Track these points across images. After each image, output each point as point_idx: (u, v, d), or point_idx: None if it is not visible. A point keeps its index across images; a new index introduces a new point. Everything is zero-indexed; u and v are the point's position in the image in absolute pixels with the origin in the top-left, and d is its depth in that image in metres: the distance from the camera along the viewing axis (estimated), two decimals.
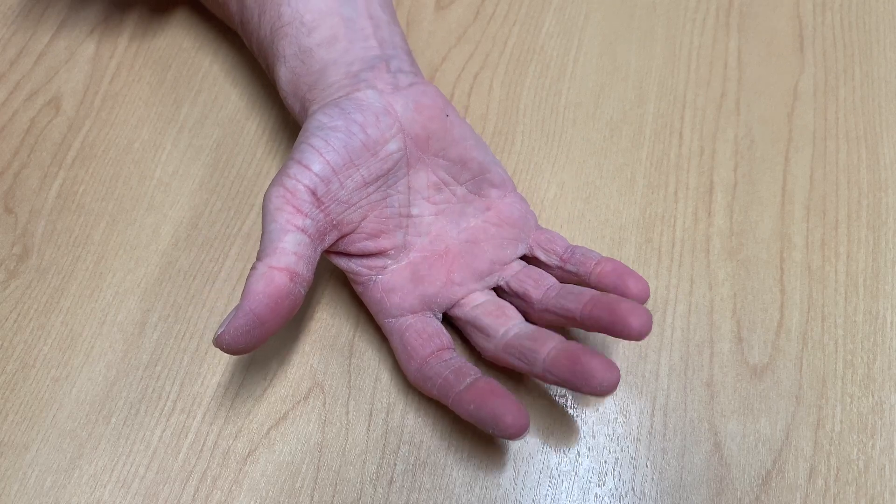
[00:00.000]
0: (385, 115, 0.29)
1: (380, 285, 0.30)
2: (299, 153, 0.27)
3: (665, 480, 0.29)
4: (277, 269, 0.26)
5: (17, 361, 0.31)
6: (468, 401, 0.26)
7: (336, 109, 0.28)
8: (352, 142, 0.28)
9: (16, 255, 0.33)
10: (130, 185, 0.35)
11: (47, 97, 0.37)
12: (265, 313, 0.25)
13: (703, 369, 0.31)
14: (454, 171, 0.31)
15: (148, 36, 0.39)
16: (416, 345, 0.29)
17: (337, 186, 0.27)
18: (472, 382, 0.27)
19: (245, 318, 0.25)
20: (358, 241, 0.29)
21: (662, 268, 0.33)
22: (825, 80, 0.39)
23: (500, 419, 0.26)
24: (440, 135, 0.30)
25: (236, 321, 0.25)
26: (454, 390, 0.27)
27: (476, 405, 0.26)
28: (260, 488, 0.29)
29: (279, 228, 0.26)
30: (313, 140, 0.27)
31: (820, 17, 0.41)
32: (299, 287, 0.26)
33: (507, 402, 0.26)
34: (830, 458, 0.30)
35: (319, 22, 0.30)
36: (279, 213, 0.26)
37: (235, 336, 0.25)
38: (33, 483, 0.29)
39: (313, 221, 0.27)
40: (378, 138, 0.28)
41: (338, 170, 0.27)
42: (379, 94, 0.29)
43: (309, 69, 0.30)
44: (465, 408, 0.27)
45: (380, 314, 0.30)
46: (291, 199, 0.26)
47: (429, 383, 0.28)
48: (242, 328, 0.25)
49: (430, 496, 0.29)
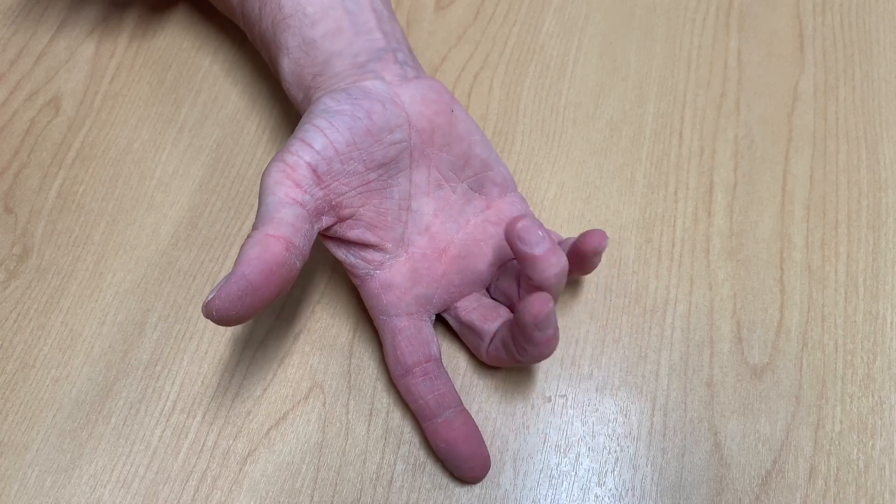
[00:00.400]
0: (392, 105, 0.28)
1: (377, 280, 0.30)
2: (302, 132, 0.27)
3: (665, 480, 0.29)
4: (273, 237, 0.25)
5: (17, 361, 0.31)
6: (441, 439, 0.29)
7: (343, 94, 0.28)
8: (356, 125, 0.27)
9: (16, 255, 0.33)
10: (130, 185, 0.35)
11: (47, 97, 0.37)
12: (258, 280, 0.24)
13: (703, 369, 0.31)
14: (457, 168, 0.31)
15: (148, 36, 0.39)
16: (405, 351, 0.29)
17: (338, 167, 0.27)
18: (450, 418, 0.29)
19: (237, 284, 0.24)
20: (356, 228, 0.28)
21: (662, 268, 0.33)
22: (825, 80, 0.39)
23: (462, 467, 0.28)
24: (445, 129, 0.30)
25: (228, 286, 0.24)
26: (432, 419, 0.29)
27: (447, 446, 0.28)
28: (260, 488, 0.29)
29: (277, 201, 0.26)
30: (317, 121, 0.27)
31: (820, 17, 0.41)
32: (295, 258, 0.25)
33: (475, 451, 0.29)
34: (830, 458, 0.30)
35: (322, 14, 0.30)
36: (278, 187, 0.26)
37: (226, 302, 0.24)
38: (33, 483, 0.29)
39: (312, 198, 0.26)
40: (383, 125, 0.28)
41: (340, 150, 0.27)
42: (387, 85, 0.29)
43: (314, 60, 0.30)
44: (436, 443, 0.29)
45: (375, 310, 0.30)
46: (291, 174, 0.26)
47: (409, 397, 0.29)
48: (234, 293, 0.24)
49: (429, 496, 0.29)
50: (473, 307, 0.30)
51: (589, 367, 0.31)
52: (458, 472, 0.29)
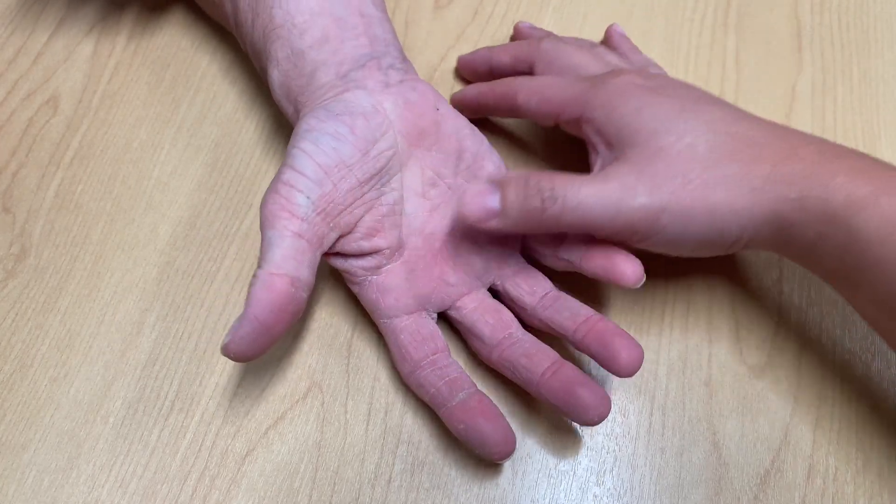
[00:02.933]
0: (374, 115, 0.29)
1: (375, 285, 0.30)
2: (291, 158, 0.28)
3: (664, 480, 0.29)
4: (278, 276, 0.26)
5: (15, 361, 0.31)
6: (458, 420, 0.27)
7: (324, 112, 0.28)
8: (342, 144, 0.28)
9: (14, 254, 0.33)
10: (129, 184, 0.35)
11: (45, 97, 0.37)
12: (269, 319, 0.25)
13: (702, 369, 0.31)
14: (449, 164, 0.31)
15: (146, 35, 0.39)
16: (410, 348, 0.29)
17: (331, 189, 0.27)
18: (464, 399, 0.28)
19: (250, 326, 0.25)
20: (354, 241, 0.29)
21: (660, 267, 0.33)
22: (823, 80, 0.39)
23: (486, 442, 0.27)
24: (432, 129, 0.30)
25: (241, 329, 0.25)
26: (446, 404, 0.28)
27: (466, 425, 0.27)
28: (258, 488, 0.29)
29: (277, 235, 0.26)
30: (303, 144, 0.28)
31: (818, 16, 0.41)
32: (301, 291, 0.26)
33: (496, 425, 0.27)
34: (829, 457, 0.30)
35: (311, 23, 0.30)
36: (276, 220, 0.27)
37: (241, 344, 0.25)
38: (31, 483, 0.29)
39: (310, 225, 0.27)
40: (368, 138, 0.28)
41: (330, 172, 0.27)
42: (368, 94, 0.29)
43: (300, 72, 0.30)
44: (454, 426, 0.28)
45: (375, 314, 0.30)
46: (287, 205, 0.27)
47: (421, 390, 0.29)
48: (248, 336, 0.25)
49: (428, 496, 0.29)
50: (473, 307, 0.30)
51: (587, 367, 0.31)
52: (484, 451, 0.27)
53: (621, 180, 0.27)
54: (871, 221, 0.24)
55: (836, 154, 0.26)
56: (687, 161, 0.26)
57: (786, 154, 0.26)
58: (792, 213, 0.25)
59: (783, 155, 0.26)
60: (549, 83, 0.31)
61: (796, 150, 0.26)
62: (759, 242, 0.27)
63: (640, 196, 0.26)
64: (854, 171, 0.25)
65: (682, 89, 0.30)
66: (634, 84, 0.29)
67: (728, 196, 0.26)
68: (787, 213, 0.25)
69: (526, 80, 0.32)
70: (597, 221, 0.27)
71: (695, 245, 0.28)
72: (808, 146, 0.26)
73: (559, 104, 0.31)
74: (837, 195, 0.24)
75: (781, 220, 0.26)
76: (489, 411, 0.27)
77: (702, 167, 0.26)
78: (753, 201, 0.26)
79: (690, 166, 0.26)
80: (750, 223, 0.26)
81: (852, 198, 0.24)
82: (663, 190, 0.26)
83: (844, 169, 0.25)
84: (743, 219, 0.26)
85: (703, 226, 0.26)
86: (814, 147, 0.26)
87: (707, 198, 0.26)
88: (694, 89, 0.30)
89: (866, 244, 0.24)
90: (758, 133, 0.27)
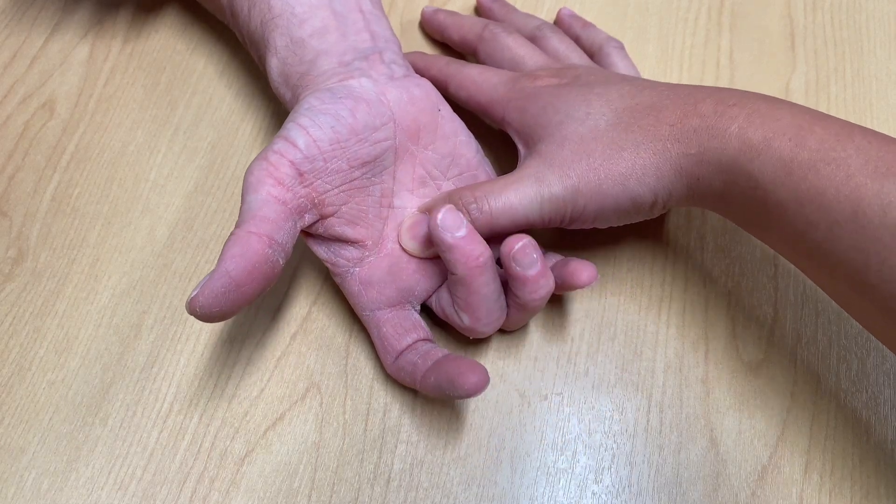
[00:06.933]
0: (377, 103, 0.29)
1: (357, 278, 0.30)
2: (286, 130, 0.27)
3: (662, 477, 0.30)
4: (256, 234, 0.25)
5: (13, 365, 0.31)
6: (428, 375, 0.27)
7: (328, 94, 0.28)
8: (340, 124, 0.28)
9: (11, 258, 0.33)
10: (125, 187, 0.35)
11: (41, 100, 0.37)
12: (242, 276, 0.24)
13: (699, 366, 0.32)
14: (442, 166, 0.31)
15: (142, 38, 0.39)
16: (392, 339, 0.29)
17: (321, 165, 0.27)
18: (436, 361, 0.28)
19: (221, 280, 0.24)
20: (337, 226, 0.29)
21: (657, 265, 0.34)
22: (816, 78, 0.39)
23: (455, 380, 0.26)
24: (431, 128, 0.30)
25: (211, 283, 0.24)
26: (420, 372, 0.28)
27: (435, 375, 0.27)
28: (257, 489, 0.29)
29: (259, 199, 0.26)
30: (301, 119, 0.28)
31: (811, 15, 0.41)
32: (277, 255, 0.26)
33: (462, 362, 0.27)
34: (825, 452, 0.30)
35: (310, 14, 0.30)
36: (260, 185, 0.26)
37: (210, 298, 0.24)
38: (30, 486, 0.29)
39: (294, 195, 0.27)
40: (368, 124, 0.28)
41: (323, 149, 0.27)
42: (373, 83, 0.29)
43: (301, 59, 0.30)
44: (427, 383, 0.27)
45: (358, 307, 0.30)
46: (274, 172, 0.26)
47: (402, 373, 0.29)
48: (218, 290, 0.24)
49: (427, 495, 0.29)
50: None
51: (585, 365, 0.32)
52: (456, 388, 0.26)
53: (535, 175, 0.28)
54: (766, 166, 0.25)
55: (735, 103, 0.26)
56: (590, 141, 0.28)
57: (685, 112, 0.27)
58: (695, 167, 0.26)
59: (683, 113, 0.27)
60: (479, 80, 0.33)
61: (696, 107, 0.27)
62: (678, 200, 0.28)
63: (553, 185, 0.28)
64: (750, 117, 0.25)
65: (595, 75, 0.31)
66: (545, 85, 0.31)
67: (633, 163, 0.27)
68: (691, 168, 0.26)
69: (458, 70, 0.34)
70: (527, 218, 0.28)
71: (617, 215, 0.29)
72: (708, 99, 0.27)
73: (484, 104, 0.32)
74: (732, 143, 0.25)
75: (688, 175, 0.27)
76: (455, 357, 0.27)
77: (604, 143, 0.28)
78: (658, 163, 0.27)
79: (593, 146, 0.28)
80: (660, 184, 0.27)
81: (747, 144, 0.25)
82: (572, 174, 0.28)
83: (742, 117, 0.25)
84: (652, 181, 0.27)
85: (617, 197, 0.28)
86: (713, 99, 0.27)
87: (612, 169, 0.27)
88: (608, 73, 0.31)
89: (766, 188, 0.25)
90: (660, 98, 0.28)
